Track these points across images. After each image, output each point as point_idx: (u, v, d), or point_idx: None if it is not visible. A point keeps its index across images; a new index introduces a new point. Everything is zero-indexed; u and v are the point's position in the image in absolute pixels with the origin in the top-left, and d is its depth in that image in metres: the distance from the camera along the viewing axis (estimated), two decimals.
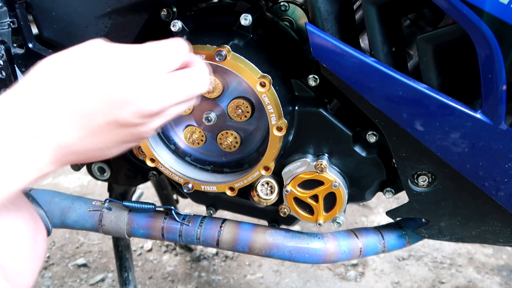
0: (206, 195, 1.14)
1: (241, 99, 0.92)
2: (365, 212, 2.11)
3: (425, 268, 1.81)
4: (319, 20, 0.82)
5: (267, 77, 0.86)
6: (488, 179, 0.83)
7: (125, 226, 1.04)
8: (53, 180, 2.32)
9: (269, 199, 1.00)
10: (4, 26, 0.94)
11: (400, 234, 1.04)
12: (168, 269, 1.80)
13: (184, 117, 0.99)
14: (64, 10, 0.95)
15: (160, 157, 1.00)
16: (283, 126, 0.88)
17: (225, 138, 0.96)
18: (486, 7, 0.68)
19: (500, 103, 0.74)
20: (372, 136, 0.93)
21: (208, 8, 1.01)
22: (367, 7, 0.78)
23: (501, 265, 1.84)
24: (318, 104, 0.94)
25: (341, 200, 0.96)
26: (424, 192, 0.92)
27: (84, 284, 1.74)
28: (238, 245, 1.01)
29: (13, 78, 0.90)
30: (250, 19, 0.89)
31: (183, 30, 0.92)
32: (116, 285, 1.72)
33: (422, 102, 0.79)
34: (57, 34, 0.97)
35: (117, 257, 1.43)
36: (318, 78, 0.90)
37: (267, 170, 0.93)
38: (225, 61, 0.85)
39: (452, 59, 0.80)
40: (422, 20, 0.96)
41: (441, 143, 0.81)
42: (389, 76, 0.79)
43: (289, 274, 1.77)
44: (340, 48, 0.80)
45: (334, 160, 0.96)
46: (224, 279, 1.75)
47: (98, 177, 1.23)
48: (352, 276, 1.76)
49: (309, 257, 1.00)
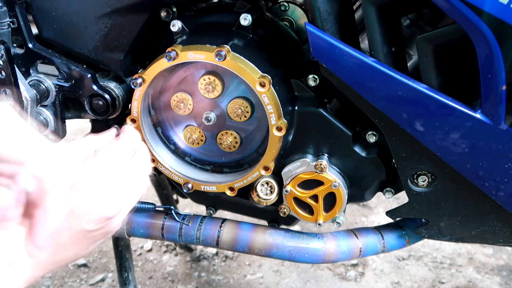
0: (206, 195, 1.14)
1: (241, 99, 0.92)
2: (365, 212, 2.11)
3: (425, 268, 1.81)
4: (319, 20, 0.82)
5: (266, 77, 0.86)
6: (488, 179, 0.83)
7: (125, 226, 1.04)
8: None
9: (269, 199, 1.00)
10: (4, 26, 0.94)
11: (400, 234, 1.04)
12: (168, 269, 1.80)
13: (184, 117, 0.99)
14: (64, 10, 0.95)
15: (160, 157, 1.00)
16: (283, 126, 0.88)
17: (225, 138, 0.96)
18: (485, 7, 0.68)
19: (500, 103, 0.74)
20: (372, 136, 0.93)
21: (208, 8, 1.01)
22: (367, 7, 0.78)
23: (501, 265, 1.84)
24: (318, 104, 0.94)
25: (341, 200, 0.96)
26: (424, 192, 0.92)
27: (84, 284, 1.74)
28: (238, 245, 1.01)
29: (13, 78, 0.90)
30: (249, 19, 0.89)
31: (183, 30, 0.92)
32: (116, 285, 1.72)
33: (422, 102, 0.79)
34: (57, 34, 0.97)
35: (117, 257, 1.43)
36: (318, 78, 0.90)
37: (267, 170, 0.93)
38: (224, 61, 0.85)
39: (452, 59, 0.80)
40: (422, 20, 0.96)
41: (441, 143, 0.81)
42: (389, 76, 0.79)
43: (289, 274, 1.77)
44: (340, 48, 0.80)
45: (334, 160, 0.96)
46: (224, 279, 1.75)
47: None
48: (352, 276, 1.76)
49: (309, 257, 1.00)
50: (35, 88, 0.97)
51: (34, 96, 0.96)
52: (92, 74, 0.97)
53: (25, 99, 0.94)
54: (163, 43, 1.00)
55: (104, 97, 0.98)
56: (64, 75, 0.98)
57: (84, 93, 0.99)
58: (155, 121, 1.01)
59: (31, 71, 0.98)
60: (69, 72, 0.98)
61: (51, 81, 0.98)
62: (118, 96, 1.00)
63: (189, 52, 0.87)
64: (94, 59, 0.98)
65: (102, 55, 0.98)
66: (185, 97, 0.95)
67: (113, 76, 1.03)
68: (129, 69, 1.00)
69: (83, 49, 0.98)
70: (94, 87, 0.97)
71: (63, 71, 0.98)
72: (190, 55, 0.87)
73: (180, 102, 0.95)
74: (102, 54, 0.97)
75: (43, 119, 1.00)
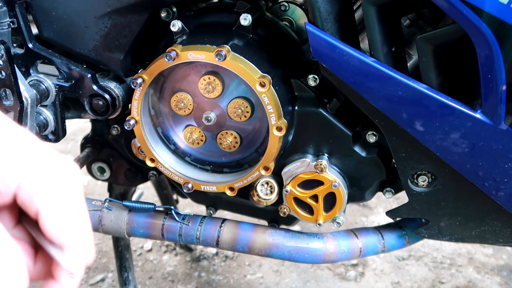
0: (206, 195, 1.14)
1: (241, 99, 0.92)
2: (365, 212, 2.11)
3: (425, 268, 1.81)
4: (319, 20, 0.82)
5: (266, 77, 0.86)
6: (488, 179, 0.83)
7: (125, 226, 1.04)
8: None
9: (269, 199, 1.00)
10: (4, 26, 0.94)
11: (400, 234, 1.04)
12: (168, 269, 1.80)
13: (184, 117, 0.99)
14: (64, 10, 0.95)
15: (160, 157, 1.00)
16: (283, 126, 0.88)
17: (225, 138, 0.96)
18: (486, 7, 0.68)
19: (500, 103, 0.74)
20: (372, 136, 0.93)
21: (208, 8, 1.01)
22: (367, 7, 0.78)
23: (501, 265, 1.84)
24: (318, 104, 0.94)
25: (341, 200, 0.96)
26: (424, 192, 0.92)
27: (84, 284, 1.74)
28: (238, 245, 1.01)
29: (13, 78, 0.90)
30: (250, 19, 0.89)
31: (183, 30, 0.92)
32: (116, 285, 1.72)
33: (422, 102, 0.79)
34: (57, 34, 0.97)
35: (117, 257, 1.43)
36: (318, 78, 0.90)
37: (267, 170, 0.93)
38: (224, 61, 0.85)
39: (452, 59, 0.80)
40: (422, 20, 0.96)
41: (441, 143, 0.81)
42: (389, 76, 0.79)
43: (289, 274, 1.77)
44: (340, 48, 0.80)
45: (334, 160, 0.96)
46: (224, 279, 1.75)
47: (98, 177, 1.23)
48: (352, 276, 1.76)
49: (309, 257, 1.00)
50: (35, 88, 0.97)
51: (34, 96, 0.96)
52: (92, 74, 0.97)
53: (25, 99, 0.94)
54: (163, 43, 1.00)
55: (104, 97, 0.98)
56: (64, 75, 0.98)
57: (84, 93, 0.99)
58: (155, 121, 1.01)
59: (31, 71, 0.98)
60: (69, 72, 0.98)
61: (51, 81, 0.98)
62: (118, 96, 1.00)
63: (189, 52, 0.87)
64: (94, 59, 0.98)
65: (102, 55, 0.98)
66: (185, 97, 0.95)
67: (113, 76, 1.03)
68: (129, 69, 1.00)
69: (83, 49, 0.98)
70: (94, 87, 0.98)
71: (63, 71, 0.98)
72: (190, 55, 0.87)
73: (180, 102, 0.95)
74: (102, 54, 0.98)
75: (43, 119, 1.00)
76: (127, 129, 0.94)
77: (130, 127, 0.94)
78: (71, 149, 2.52)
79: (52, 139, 1.03)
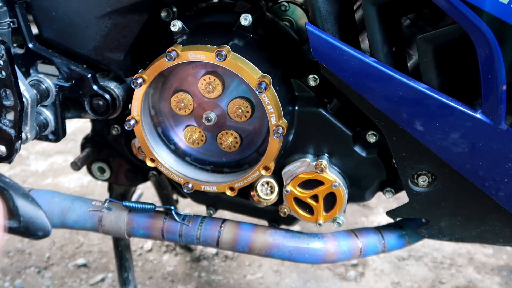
0: (206, 195, 1.14)
1: (241, 99, 0.92)
2: (365, 212, 2.11)
3: (425, 268, 1.81)
4: (319, 20, 0.82)
5: (267, 77, 0.86)
6: (488, 179, 0.83)
7: (125, 226, 1.04)
8: (53, 180, 2.32)
9: (269, 199, 1.00)
10: (4, 26, 0.94)
11: (400, 234, 1.04)
12: (168, 269, 1.80)
13: (184, 117, 0.99)
14: (64, 10, 0.95)
15: (160, 157, 1.00)
16: (283, 126, 0.88)
17: (225, 138, 0.96)
18: (486, 7, 0.68)
19: (500, 103, 0.74)
20: (372, 136, 0.93)
21: (208, 8, 1.01)
22: (367, 7, 0.78)
23: (501, 265, 1.84)
24: (318, 104, 0.94)
25: (341, 200, 0.96)
26: (424, 192, 0.92)
27: (84, 284, 1.74)
28: (238, 245, 1.01)
29: (13, 78, 0.90)
30: (250, 19, 0.89)
31: (183, 30, 0.92)
32: (116, 285, 1.72)
33: (422, 102, 0.79)
34: (57, 34, 0.97)
35: (117, 257, 1.43)
36: (318, 78, 0.90)
37: (267, 170, 0.93)
38: (225, 61, 0.85)
39: (452, 59, 0.80)
40: (422, 20, 0.96)
41: (441, 143, 0.81)
42: (389, 76, 0.79)
43: (289, 274, 1.77)
44: (340, 48, 0.80)
45: (334, 160, 0.96)
46: (224, 279, 1.75)
47: (98, 177, 1.23)
48: (352, 276, 1.76)
49: (309, 257, 1.00)
50: (35, 88, 0.97)
51: (34, 96, 0.96)
52: (92, 74, 0.97)
53: (25, 99, 0.94)
54: (163, 43, 1.00)
55: (104, 97, 0.98)
56: (64, 75, 0.98)
57: (84, 93, 0.99)
58: (155, 121, 1.01)
59: (31, 71, 0.99)
60: (69, 72, 0.98)
61: (51, 81, 0.99)
62: (118, 96, 1.00)
63: (189, 52, 0.87)
64: (94, 59, 0.98)
65: (102, 55, 0.98)
66: (185, 97, 0.95)
67: (113, 76, 1.03)
68: (129, 69, 1.00)
69: (83, 49, 0.98)
70: (94, 87, 0.98)
71: (63, 71, 0.98)
72: (190, 55, 0.87)
73: (180, 102, 0.95)
74: (102, 54, 0.98)
75: (43, 119, 1.00)
76: (127, 129, 0.94)
77: (130, 127, 0.94)
78: (71, 149, 2.53)
79: (52, 139, 1.03)
